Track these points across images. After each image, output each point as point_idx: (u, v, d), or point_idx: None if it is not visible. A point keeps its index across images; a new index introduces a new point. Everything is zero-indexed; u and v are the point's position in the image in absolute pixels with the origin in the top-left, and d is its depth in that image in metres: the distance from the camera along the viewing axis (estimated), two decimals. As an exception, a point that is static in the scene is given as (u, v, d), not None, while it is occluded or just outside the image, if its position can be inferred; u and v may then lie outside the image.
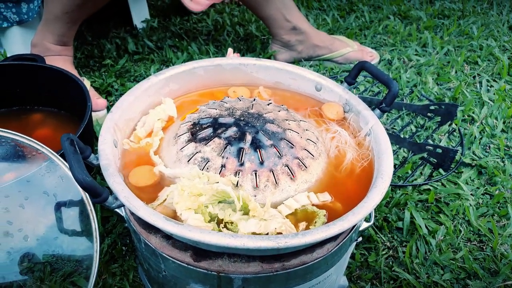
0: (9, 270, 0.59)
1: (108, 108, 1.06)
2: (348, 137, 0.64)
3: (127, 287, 0.68)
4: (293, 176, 0.54)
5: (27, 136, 0.63)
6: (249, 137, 0.56)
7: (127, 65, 1.26)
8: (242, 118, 0.59)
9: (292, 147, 0.56)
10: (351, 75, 0.70)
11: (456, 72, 1.29)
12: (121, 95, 0.92)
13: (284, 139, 0.57)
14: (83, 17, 1.05)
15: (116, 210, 0.53)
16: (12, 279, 0.59)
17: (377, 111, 0.65)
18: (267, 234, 0.47)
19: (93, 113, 1.03)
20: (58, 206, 0.63)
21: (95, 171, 0.88)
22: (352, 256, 0.76)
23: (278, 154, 0.55)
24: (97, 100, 1.05)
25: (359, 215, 0.47)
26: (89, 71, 1.23)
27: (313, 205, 0.53)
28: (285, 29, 1.25)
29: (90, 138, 0.85)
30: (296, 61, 1.30)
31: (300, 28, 1.25)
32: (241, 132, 0.56)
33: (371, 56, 1.31)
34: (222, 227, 0.49)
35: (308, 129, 0.61)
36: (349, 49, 1.29)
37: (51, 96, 0.94)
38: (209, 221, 0.49)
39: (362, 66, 0.68)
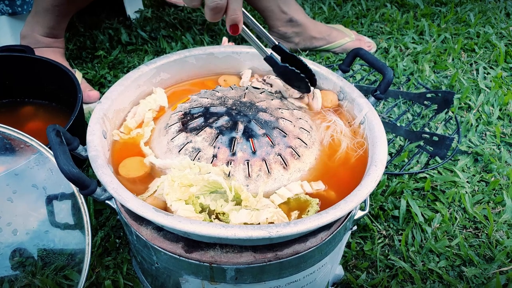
0: (0, 264, 0.58)
1: (101, 100, 1.04)
2: (343, 126, 0.63)
3: (121, 279, 0.68)
4: (286, 165, 0.54)
5: (17, 129, 0.62)
6: (241, 126, 0.55)
7: (120, 56, 1.24)
8: (234, 107, 0.58)
9: (285, 136, 0.55)
10: (346, 62, 0.69)
11: (453, 59, 1.27)
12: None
13: (277, 128, 0.56)
14: (73, 11, 1.02)
15: (108, 202, 0.53)
16: (3, 274, 0.58)
17: (372, 98, 0.64)
18: (259, 224, 0.47)
19: (85, 106, 1.01)
20: (49, 200, 0.62)
21: (87, 163, 0.87)
22: (348, 245, 0.76)
23: (271, 143, 0.54)
24: (89, 92, 1.03)
25: (352, 203, 0.46)
26: (82, 62, 1.21)
27: (306, 193, 0.52)
28: (282, 21, 1.23)
29: (81, 130, 0.83)
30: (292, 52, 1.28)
31: (297, 20, 1.23)
32: (233, 121, 0.55)
33: (369, 46, 1.29)
34: (214, 218, 0.48)
35: (301, 118, 0.60)
36: (347, 39, 1.27)
37: (41, 88, 0.92)
38: (200, 212, 0.48)
39: (356, 53, 0.67)
